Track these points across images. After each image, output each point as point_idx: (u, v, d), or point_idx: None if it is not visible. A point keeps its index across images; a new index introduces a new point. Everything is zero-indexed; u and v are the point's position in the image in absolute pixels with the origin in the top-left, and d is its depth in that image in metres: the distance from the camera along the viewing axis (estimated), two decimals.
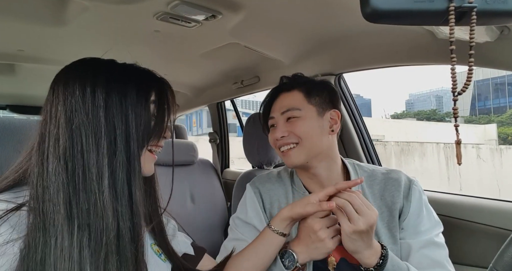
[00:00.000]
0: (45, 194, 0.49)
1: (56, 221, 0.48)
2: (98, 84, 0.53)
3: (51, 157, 0.50)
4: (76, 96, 0.52)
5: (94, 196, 0.50)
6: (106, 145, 0.51)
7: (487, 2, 0.38)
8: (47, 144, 0.51)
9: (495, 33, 0.68)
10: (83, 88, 0.52)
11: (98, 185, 0.50)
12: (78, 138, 0.51)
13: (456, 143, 0.43)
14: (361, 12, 0.39)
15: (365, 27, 0.90)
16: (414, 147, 9.52)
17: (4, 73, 1.49)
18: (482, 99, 45.67)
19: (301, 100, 0.86)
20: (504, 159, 10.09)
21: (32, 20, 0.95)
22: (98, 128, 0.51)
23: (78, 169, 0.50)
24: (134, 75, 0.58)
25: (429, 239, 0.81)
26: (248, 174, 1.28)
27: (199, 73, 1.52)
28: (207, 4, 0.84)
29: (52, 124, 0.52)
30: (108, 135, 0.52)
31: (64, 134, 0.51)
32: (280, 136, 0.85)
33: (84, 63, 0.57)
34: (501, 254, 0.55)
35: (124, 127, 0.53)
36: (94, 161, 0.51)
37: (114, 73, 0.56)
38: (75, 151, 0.50)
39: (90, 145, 0.51)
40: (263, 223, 0.86)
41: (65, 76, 0.55)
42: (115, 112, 0.53)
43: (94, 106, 0.52)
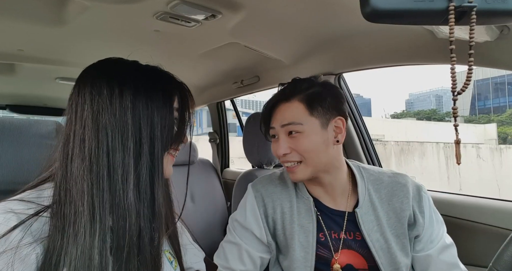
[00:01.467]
0: (68, 197, 0.49)
1: (78, 223, 0.47)
2: (126, 85, 0.53)
3: (76, 158, 0.50)
4: (104, 96, 0.51)
5: (119, 197, 0.50)
6: (132, 146, 0.51)
7: (487, 2, 0.38)
8: (71, 144, 0.51)
9: (495, 32, 0.68)
10: (111, 88, 0.52)
11: (123, 185, 0.50)
12: (104, 138, 0.50)
13: (456, 142, 0.43)
14: (361, 12, 0.39)
15: (365, 27, 0.90)
16: (414, 146, 9.52)
17: (4, 73, 1.49)
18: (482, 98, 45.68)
19: (302, 112, 0.80)
20: (504, 159, 10.09)
21: (32, 20, 0.95)
22: (125, 129, 0.51)
23: (103, 170, 0.50)
24: (159, 78, 0.58)
25: (442, 243, 0.82)
26: (248, 174, 1.28)
27: (199, 73, 1.52)
28: (207, 3, 0.84)
29: (77, 124, 0.51)
30: (134, 136, 0.52)
31: (91, 135, 0.50)
32: (282, 153, 0.81)
33: (110, 63, 0.57)
34: (501, 253, 0.55)
35: (150, 129, 0.53)
36: (120, 162, 0.50)
37: (141, 75, 0.56)
38: (101, 151, 0.50)
39: (117, 146, 0.51)
40: (261, 230, 0.84)
41: (92, 76, 0.54)
42: (142, 113, 0.53)
43: (121, 106, 0.52)
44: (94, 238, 0.47)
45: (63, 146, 0.52)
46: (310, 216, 0.83)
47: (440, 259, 0.81)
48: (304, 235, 0.81)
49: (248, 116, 1.34)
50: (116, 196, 0.50)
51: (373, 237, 0.80)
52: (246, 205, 0.88)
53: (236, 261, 0.84)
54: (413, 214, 0.82)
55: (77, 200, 0.48)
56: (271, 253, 0.86)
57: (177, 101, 0.58)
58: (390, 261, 0.79)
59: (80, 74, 0.56)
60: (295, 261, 0.80)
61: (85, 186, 0.49)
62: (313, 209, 0.83)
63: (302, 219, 0.83)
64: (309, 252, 0.80)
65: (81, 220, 0.47)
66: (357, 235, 0.82)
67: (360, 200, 0.83)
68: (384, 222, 0.81)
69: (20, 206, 0.48)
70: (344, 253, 0.81)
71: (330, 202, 0.86)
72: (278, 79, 1.40)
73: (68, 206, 0.48)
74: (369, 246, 0.79)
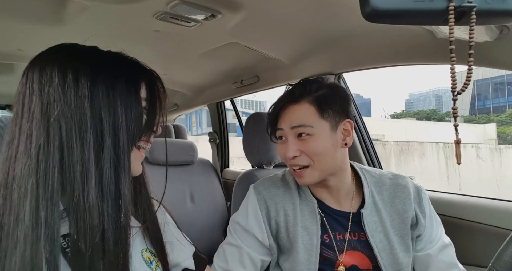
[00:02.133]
0: (8, 203, 0.42)
1: (17, 232, 0.41)
2: (81, 71, 0.47)
3: (20, 158, 0.44)
4: (55, 84, 0.45)
5: (77, 197, 0.44)
6: (92, 139, 0.45)
7: (486, 2, 0.38)
8: (16, 142, 0.45)
9: (495, 32, 0.68)
10: (64, 75, 0.46)
11: (82, 184, 0.44)
12: (57, 132, 0.44)
13: (456, 142, 0.43)
14: (360, 12, 0.39)
15: (365, 27, 0.90)
16: (414, 146, 9.52)
17: (4, 72, 1.49)
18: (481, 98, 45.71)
19: (313, 115, 0.79)
20: (503, 159, 10.09)
21: (31, 20, 0.95)
22: (83, 120, 0.45)
23: (53, 168, 0.44)
24: (122, 64, 0.52)
25: (441, 243, 0.84)
26: (248, 174, 1.28)
27: (199, 73, 1.52)
28: (207, 3, 0.84)
29: (24, 119, 0.45)
30: (94, 128, 0.46)
31: (39, 129, 0.44)
32: (292, 156, 0.79)
33: (63, 48, 0.51)
34: (500, 253, 0.55)
35: (112, 120, 0.47)
36: (78, 158, 0.45)
37: (100, 61, 0.50)
38: (52, 147, 0.44)
39: (74, 140, 0.45)
40: (263, 233, 0.83)
41: (41, 63, 0.48)
42: (102, 103, 0.47)
43: (77, 95, 0.45)
44: (37, 245, 0.42)
45: (7, 146, 0.46)
46: (314, 218, 0.83)
47: (439, 258, 0.82)
48: (308, 237, 0.81)
49: (248, 116, 1.34)
50: (73, 196, 0.44)
51: (376, 237, 0.80)
52: (248, 208, 0.87)
53: (236, 263, 0.83)
54: (416, 214, 0.83)
55: (18, 205, 0.42)
56: (273, 255, 0.86)
57: (145, 89, 0.53)
58: (393, 262, 0.79)
59: (30, 62, 0.50)
60: (298, 263, 0.79)
61: (29, 187, 0.43)
62: (317, 211, 0.83)
63: (306, 221, 0.83)
64: (312, 254, 0.79)
65: (21, 228, 0.42)
66: (361, 235, 0.82)
67: (366, 201, 0.83)
68: (387, 223, 0.82)
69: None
70: (349, 254, 0.81)
71: (335, 204, 0.85)
72: (278, 79, 1.40)
73: (7, 215, 0.42)
74: (372, 247, 0.79)
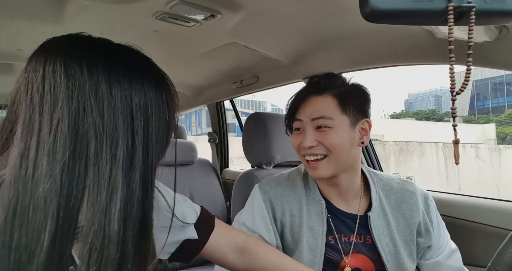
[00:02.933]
0: (22, 236, 0.35)
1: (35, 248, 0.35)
2: (113, 77, 0.40)
3: (41, 178, 0.36)
4: (87, 91, 0.38)
5: (98, 223, 0.38)
6: (123, 156, 0.40)
7: (486, 2, 0.39)
8: (33, 156, 0.37)
9: (494, 33, 0.68)
10: (96, 84, 0.39)
11: (106, 208, 0.38)
12: (84, 147, 0.38)
13: (455, 142, 0.44)
14: (360, 12, 0.39)
15: (364, 27, 0.90)
16: (413, 146, 9.53)
17: (3, 72, 1.48)
18: (481, 98, 45.76)
19: (334, 108, 0.79)
20: (502, 159, 10.10)
21: (30, 20, 0.95)
22: (115, 134, 0.39)
23: (77, 192, 0.38)
24: (150, 68, 0.46)
25: (449, 249, 0.84)
26: (247, 173, 1.28)
27: (198, 73, 1.52)
28: (207, 3, 0.84)
29: (44, 130, 0.37)
30: (126, 143, 0.40)
31: (65, 144, 0.37)
32: (308, 146, 0.78)
33: (91, 41, 0.45)
34: (500, 253, 0.55)
35: (146, 133, 0.42)
36: (105, 177, 0.38)
37: (131, 64, 0.44)
38: (77, 165, 0.38)
39: (103, 156, 0.38)
40: (271, 233, 0.83)
41: (64, 56, 0.40)
42: (135, 114, 0.41)
43: (110, 106, 0.39)
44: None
45: (19, 160, 0.37)
46: (321, 218, 0.82)
47: (448, 264, 0.82)
48: (313, 238, 0.80)
49: (247, 116, 1.34)
50: (93, 221, 0.37)
51: (383, 241, 0.80)
52: (254, 208, 0.86)
53: None
54: (423, 223, 0.83)
55: (37, 238, 0.35)
56: None
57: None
58: (398, 266, 0.79)
59: (46, 47, 0.42)
60: (302, 263, 0.79)
61: (49, 214, 0.36)
62: (324, 212, 0.82)
63: (312, 221, 0.82)
64: (317, 255, 0.79)
65: (36, 264, 0.35)
66: (367, 239, 0.81)
67: (373, 204, 0.83)
68: (393, 228, 0.81)
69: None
70: (354, 257, 0.81)
71: (342, 205, 0.85)
72: (277, 79, 1.40)
73: (24, 248, 0.35)
74: (378, 250, 0.79)
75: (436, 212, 0.86)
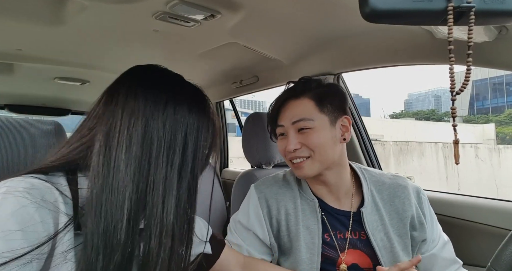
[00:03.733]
0: (103, 210, 0.45)
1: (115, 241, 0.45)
2: (178, 100, 0.52)
3: (121, 179, 0.47)
4: (159, 114, 0.50)
5: (155, 215, 0.47)
6: (178, 161, 0.50)
7: (485, 2, 0.39)
8: (115, 155, 0.47)
9: (493, 33, 0.68)
10: (165, 107, 0.51)
11: (163, 203, 0.48)
12: (148, 146, 0.49)
13: (454, 142, 0.44)
14: (360, 12, 0.39)
15: (364, 27, 0.90)
16: (413, 146, 9.53)
17: (3, 72, 1.48)
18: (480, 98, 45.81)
19: (312, 109, 0.81)
20: (502, 159, 10.11)
21: (30, 19, 0.95)
22: (173, 144, 0.50)
23: (143, 184, 0.48)
24: (206, 102, 0.59)
25: (441, 241, 0.86)
26: (247, 173, 1.28)
27: (198, 73, 1.52)
28: (206, 3, 0.84)
29: (124, 147, 0.48)
30: (181, 152, 0.51)
31: (137, 149, 0.48)
32: (293, 149, 0.81)
33: (164, 74, 0.57)
34: (499, 253, 0.55)
35: (194, 146, 0.53)
36: (162, 177, 0.48)
37: (190, 90, 0.57)
38: (145, 164, 0.48)
39: (161, 156, 0.49)
40: (264, 231, 0.84)
41: (144, 90, 0.52)
42: (189, 130, 0.52)
43: (176, 122, 0.51)
44: (132, 255, 0.46)
45: (108, 153, 0.48)
46: (315, 217, 0.83)
47: (443, 256, 0.84)
48: (309, 236, 0.81)
49: (247, 116, 1.34)
50: (152, 215, 0.47)
51: (377, 236, 0.81)
52: (249, 207, 0.88)
53: None
54: (416, 216, 0.84)
55: (115, 215, 0.45)
56: (273, 255, 0.86)
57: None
58: (392, 260, 0.79)
59: (130, 74, 0.55)
60: (300, 262, 0.79)
61: (127, 201, 0.46)
62: (318, 210, 0.84)
63: (307, 220, 0.83)
64: (314, 253, 0.80)
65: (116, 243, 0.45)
66: (362, 234, 0.82)
67: (365, 199, 0.84)
68: (387, 222, 0.82)
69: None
70: (350, 253, 0.81)
71: (334, 202, 0.86)
72: (277, 79, 1.40)
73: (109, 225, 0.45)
74: (373, 245, 0.80)
75: (428, 206, 0.87)
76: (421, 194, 0.87)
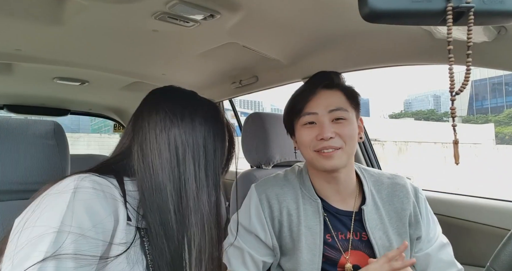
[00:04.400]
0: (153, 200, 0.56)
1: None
2: (194, 110, 0.62)
3: (162, 174, 0.57)
4: (186, 129, 0.60)
5: (195, 207, 0.58)
6: (204, 162, 0.60)
7: (484, 3, 0.39)
8: (151, 159, 0.57)
9: (493, 33, 0.68)
10: (190, 121, 0.60)
11: (198, 196, 0.58)
12: (174, 149, 0.58)
13: (454, 142, 0.44)
14: (359, 12, 0.39)
15: (363, 27, 0.90)
16: (412, 146, 9.55)
17: (2, 72, 1.48)
18: (479, 99, 45.87)
19: (345, 102, 0.83)
20: (501, 159, 10.13)
21: (29, 19, 0.95)
22: (195, 145, 0.60)
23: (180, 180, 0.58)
24: (223, 121, 0.67)
25: (439, 242, 0.85)
26: (246, 174, 1.28)
27: (198, 73, 1.52)
28: (206, 3, 0.84)
29: (163, 150, 0.58)
30: (204, 154, 0.60)
31: (169, 155, 0.58)
32: (329, 137, 0.78)
33: (177, 90, 0.66)
34: (498, 253, 0.55)
35: (214, 154, 0.62)
36: (192, 172, 0.58)
37: (203, 102, 0.65)
38: (173, 162, 0.58)
39: (188, 157, 0.59)
40: (266, 233, 0.83)
41: (165, 97, 0.63)
42: (207, 139, 0.61)
43: (195, 133, 0.61)
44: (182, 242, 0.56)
45: (149, 156, 0.57)
46: (317, 217, 0.83)
47: (439, 257, 0.83)
48: (311, 237, 0.81)
49: (246, 116, 1.34)
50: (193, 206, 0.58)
51: (376, 235, 0.81)
52: (250, 208, 0.87)
53: (240, 265, 0.83)
54: (414, 214, 0.84)
55: (166, 205, 0.56)
56: (275, 256, 0.85)
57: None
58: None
59: (157, 96, 0.65)
60: (301, 263, 0.79)
61: (168, 192, 0.57)
62: (320, 211, 0.83)
63: (309, 220, 0.83)
64: (316, 254, 0.80)
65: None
66: (363, 235, 0.82)
67: (367, 198, 0.84)
68: (386, 221, 0.83)
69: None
70: (352, 254, 0.81)
71: (339, 203, 0.85)
72: (276, 79, 1.40)
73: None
74: (371, 243, 0.80)
75: (426, 205, 0.87)
76: (419, 193, 0.88)
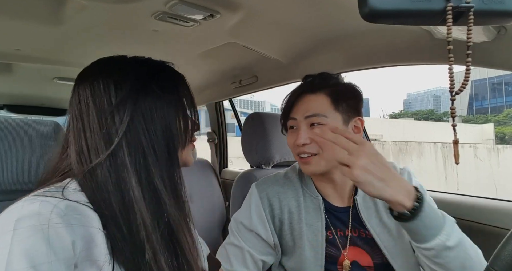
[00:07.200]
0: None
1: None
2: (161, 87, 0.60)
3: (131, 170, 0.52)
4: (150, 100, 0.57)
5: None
6: (163, 143, 0.57)
7: (484, 2, 0.39)
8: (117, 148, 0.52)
9: (492, 33, 0.68)
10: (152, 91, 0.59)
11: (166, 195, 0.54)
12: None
13: (454, 142, 0.44)
14: (359, 12, 0.39)
15: (363, 27, 0.90)
16: (412, 146, 9.55)
17: (1, 72, 1.48)
18: (479, 98, 45.89)
19: (327, 106, 0.81)
20: (501, 158, 10.14)
21: (29, 19, 0.95)
22: (153, 126, 0.57)
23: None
24: (174, 76, 0.66)
25: None
26: (246, 173, 1.28)
27: (197, 73, 1.52)
28: (206, 3, 0.84)
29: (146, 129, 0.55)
30: (164, 133, 0.57)
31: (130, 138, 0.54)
32: (302, 143, 0.80)
33: (115, 60, 0.63)
34: (498, 253, 0.55)
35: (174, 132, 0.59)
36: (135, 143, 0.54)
37: (158, 75, 0.63)
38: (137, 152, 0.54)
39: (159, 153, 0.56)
40: (267, 231, 0.83)
41: (121, 72, 0.59)
42: (167, 112, 0.59)
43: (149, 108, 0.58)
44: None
45: (79, 156, 0.52)
46: (319, 215, 0.83)
47: None
48: (313, 234, 0.81)
49: (246, 116, 1.34)
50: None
51: (373, 223, 0.81)
52: (251, 207, 0.87)
53: (240, 264, 0.83)
54: None
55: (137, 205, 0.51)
56: (276, 254, 0.85)
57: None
58: (392, 244, 0.79)
59: (105, 67, 0.61)
60: (305, 261, 0.79)
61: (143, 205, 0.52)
62: (321, 207, 0.83)
63: (311, 218, 0.83)
64: (318, 251, 0.79)
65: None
66: (361, 232, 0.82)
67: (359, 189, 0.84)
68: (380, 207, 0.82)
69: None
70: (351, 250, 0.81)
71: (337, 200, 0.86)
72: (276, 79, 1.40)
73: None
74: (368, 228, 0.80)
75: (417, 184, 0.86)
76: (412, 175, 0.87)
